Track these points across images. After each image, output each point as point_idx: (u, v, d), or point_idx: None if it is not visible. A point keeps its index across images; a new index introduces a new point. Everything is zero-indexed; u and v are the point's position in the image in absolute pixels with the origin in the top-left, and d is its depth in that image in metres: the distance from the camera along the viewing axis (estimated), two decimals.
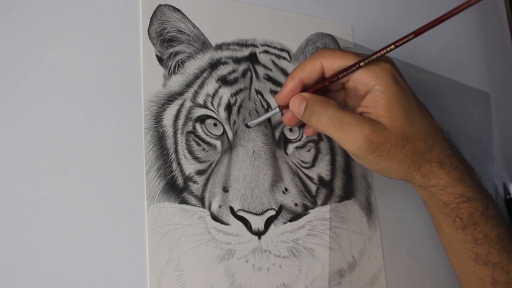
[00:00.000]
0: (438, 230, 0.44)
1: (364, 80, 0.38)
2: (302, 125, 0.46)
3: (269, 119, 0.44)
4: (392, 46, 0.37)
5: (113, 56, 0.39)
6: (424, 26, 0.35)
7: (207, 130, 0.42)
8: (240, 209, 0.41)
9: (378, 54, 0.37)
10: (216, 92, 0.43)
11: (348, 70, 0.38)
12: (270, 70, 0.46)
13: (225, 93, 0.43)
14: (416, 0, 0.62)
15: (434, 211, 0.42)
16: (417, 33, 0.36)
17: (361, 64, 0.37)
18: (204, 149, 0.41)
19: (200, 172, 0.40)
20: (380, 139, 0.37)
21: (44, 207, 0.34)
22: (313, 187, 0.46)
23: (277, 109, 0.41)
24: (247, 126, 0.43)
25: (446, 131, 0.42)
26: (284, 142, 0.45)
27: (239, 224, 0.40)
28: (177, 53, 0.42)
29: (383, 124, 0.37)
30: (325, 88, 0.40)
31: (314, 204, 0.45)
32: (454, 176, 0.39)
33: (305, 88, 0.40)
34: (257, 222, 0.41)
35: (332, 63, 0.39)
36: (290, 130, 0.45)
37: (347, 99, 0.43)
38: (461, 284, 0.44)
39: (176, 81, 0.41)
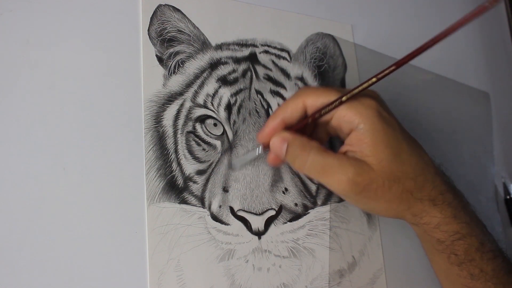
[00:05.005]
0: (432, 262, 0.43)
1: (348, 118, 0.36)
2: None
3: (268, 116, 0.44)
4: (374, 79, 0.35)
5: (113, 56, 0.39)
6: (405, 57, 0.34)
7: (207, 130, 0.42)
8: (240, 209, 0.41)
9: (360, 88, 0.35)
10: (216, 92, 0.43)
11: (330, 106, 0.36)
12: (270, 70, 0.46)
13: (225, 93, 0.43)
14: (416, 0, 0.62)
15: (427, 246, 0.41)
16: (398, 64, 0.34)
17: (343, 99, 0.36)
18: (204, 149, 0.41)
19: (200, 172, 0.40)
20: (366, 181, 0.36)
21: (44, 207, 0.34)
22: (313, 187, 0.46)
23: (260, 149, 0.39)
24: (231, 165, 0.42)
25: (438, 164, 0.40)
26: None
27: (239, 224, 0.40)
28: (177, 53, 0.42)
29: (368, 164, 0.36)
30: (312, 124, 0.39)
31: (314, 204, 0.45)
32: (447, 214, 0.38)
33: (287, 127, 0.38)
34: (257, 222, 0.41)
35: (314, 101, 0.37)
36: None
37: (338, 132, 0.41)
38: None
39: (176, 81, 0.41)
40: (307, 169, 0.37)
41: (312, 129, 0.41)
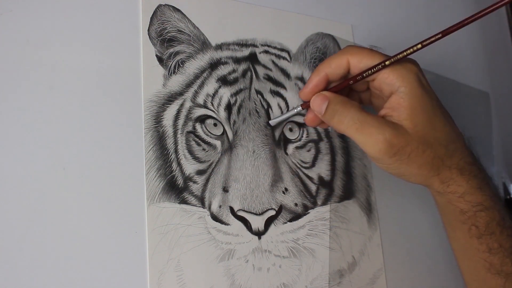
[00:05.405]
0: (451, 237, 0.43)
1: (390, 80, 0.37)
2: (304, 125, 0.46)
3: (269, 119, 0.44)
4: (419, 45, 0.36)
5: (113, 56, 0.39)
6: (453, 26, 0.35)
7: (207, 130, 0.42)
8: (240, 209, 0.41)
9: (404, 53, 0.36)
10: (216, 92, 0.43)
11: (373, 69, 0.37)
12: (270, 70, 0.46)
13: (225, 93, 0.43)
14: (416, 0, 0.62)
15: (450, 218, 0.42)
16: (444, 32, 0.35)
17: (387, 63, 0.37)
18: (204, 149, 0.41)
19: (200, 172, 0.40)
20: (401, 143, 0.36)
21: (44, 207, 0.34)
22: (313, 187, 0.46)
23: (299, 108, 0.41)
24: (268, 124, 0.44)
25: (467, 139, 0.41)
26: (284, 142, 0.45)
27: (239, 224, 0.40)
28: (177, 53, 0.42)
29: (404, 128, 0.37)
30: (349, 88, 0.40)
31: (314, 204, 0.45)
32: (473, 184, 0.39)
33: (329, 84, 0.40)
34: (257, 222, 0.41)
35: (358, 61, 0.38)
36: (290, 130, 0.45)
37: (372, 100, 0.43)
38: None
39: (176, 81, 0.41)
40: (345, 125, 0.37)
41: (345, 95, 0.41)
